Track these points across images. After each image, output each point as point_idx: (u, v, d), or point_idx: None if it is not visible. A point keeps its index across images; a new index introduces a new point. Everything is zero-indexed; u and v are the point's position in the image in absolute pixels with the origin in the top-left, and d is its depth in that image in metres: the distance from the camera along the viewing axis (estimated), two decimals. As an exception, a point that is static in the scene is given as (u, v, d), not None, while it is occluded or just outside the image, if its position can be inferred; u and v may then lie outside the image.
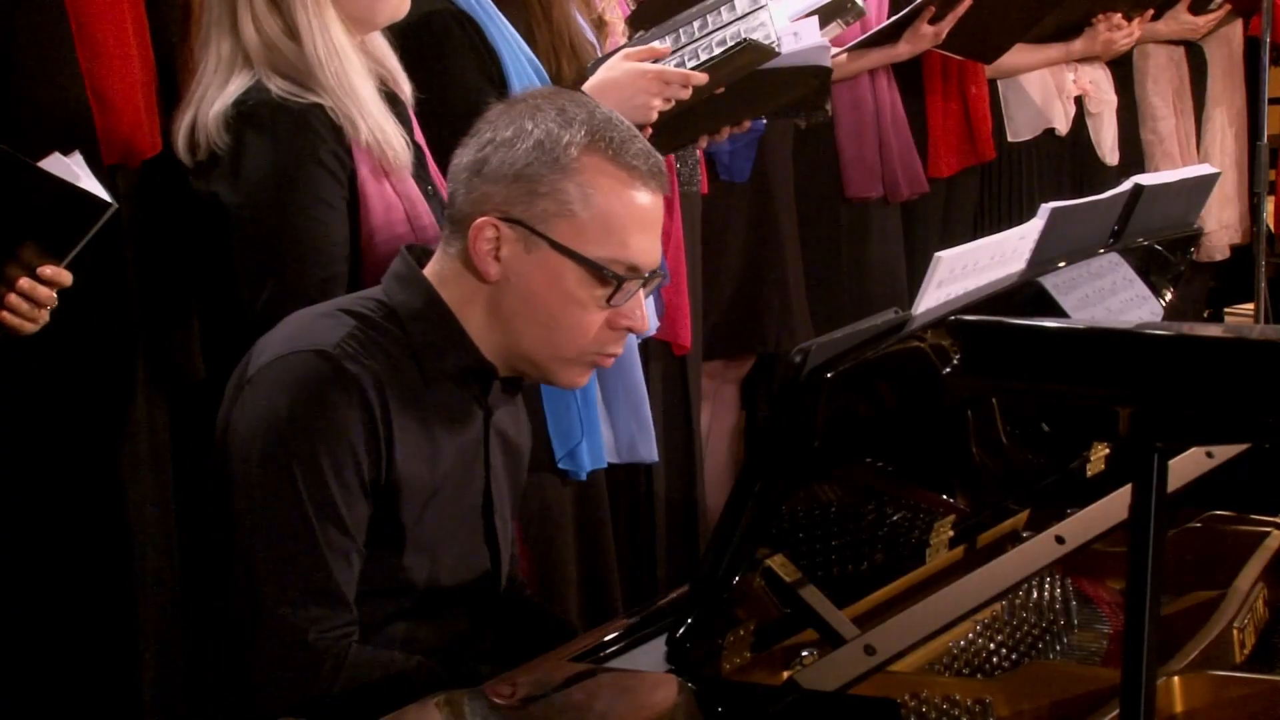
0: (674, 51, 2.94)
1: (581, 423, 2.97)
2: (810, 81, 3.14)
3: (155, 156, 2.62)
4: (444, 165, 2.79)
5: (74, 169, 2.20)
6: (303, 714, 1.95)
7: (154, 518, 2.72)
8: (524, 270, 2.05)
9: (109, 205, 2.19)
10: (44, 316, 2.26)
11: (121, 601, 2.68)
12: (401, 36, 2.74)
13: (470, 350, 2.09)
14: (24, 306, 2.23)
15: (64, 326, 2.37)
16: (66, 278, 2.24)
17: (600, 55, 3.09)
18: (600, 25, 3.20)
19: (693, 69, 2.90)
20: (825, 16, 3.19)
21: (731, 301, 4.02)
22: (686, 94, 2.91)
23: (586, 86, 2.86)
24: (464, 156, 2.11)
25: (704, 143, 3.34)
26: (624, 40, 3.33)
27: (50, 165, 2.18)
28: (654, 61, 2.89)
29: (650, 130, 2.94)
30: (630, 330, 2.12)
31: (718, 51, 2.91)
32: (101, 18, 2.54)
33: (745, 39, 2.89)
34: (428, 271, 2.13)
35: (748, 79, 2.97)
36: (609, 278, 2.05)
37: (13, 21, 2.48)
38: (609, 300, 2.07)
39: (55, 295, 2.25)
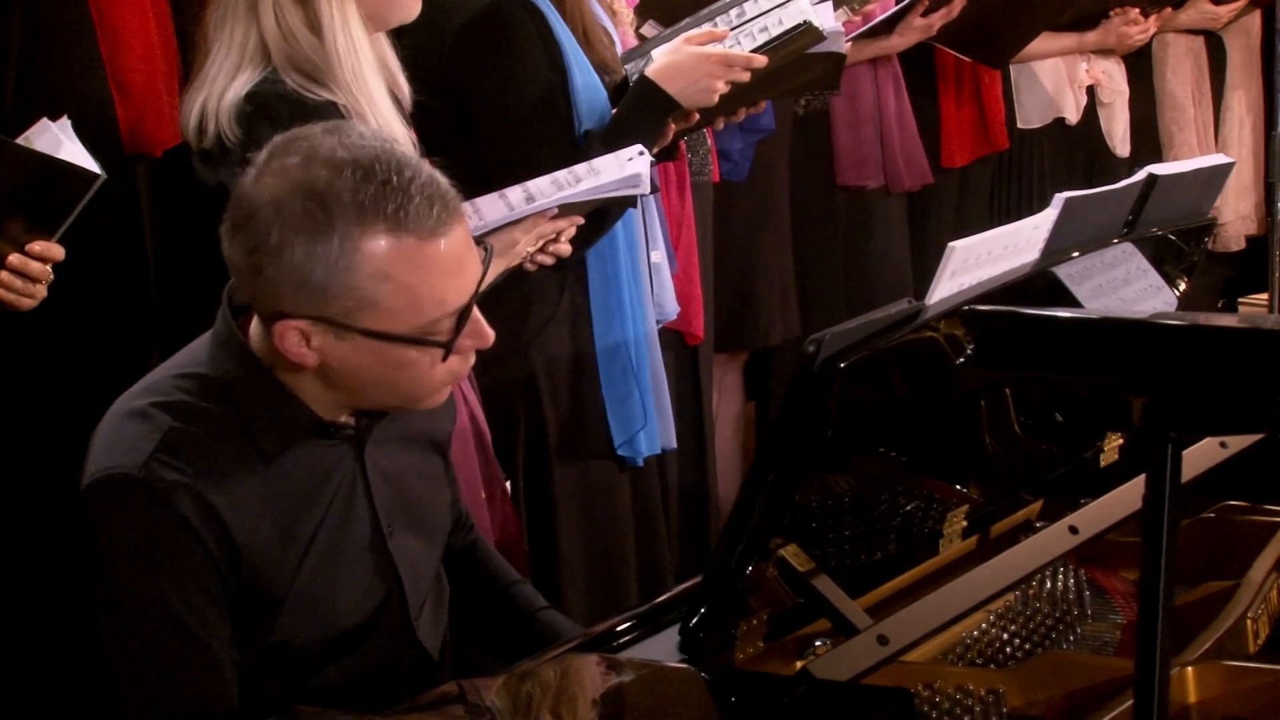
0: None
1: (645, 410, 2.98)
2: (823, 66, 3.14)
3: (177, 146, 2.63)
4: (518, 150, 2.78)
5: (59, 136, 2.18)
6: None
7: None
8: (344, 355, 1.86)
9: (96, 176, 2.18)
10: (41, 291, 2.26)
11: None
12: (469, 26, 2.74)
13: (306, 415, 1.93)
14: (17, 283, 2.23)
15: (83, 314, 2.37)
16: (58, 252, 2.24)
17: (621, 50, 3.09)
18: (611, 15, 3.20)
19: (752, 51, 2.90)
20: (833, 3, 3.20)
21: (727, 298, 4.01)
22: (747, 76, 2.91)
23: (650, 72, 2.86)
24: (231, 251, 1.86)
25: (720, 124, 3.33)
26: (632, 29, 3.33)
27: (37, 132, 2.17)
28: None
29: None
30: (478, 348, 1.96)
31: (776, 33, 2.90)
32: (122, 8, 2.55)
33: (806, 21, 2.89)
34: (254, 328, 1.93)
35: (773, 62, 2.97)
36: (438, 342, 1.88)
37: (35, 12, 2.48)
38: (444, 355, 1.89)
39: (49, 270, 2.25)
